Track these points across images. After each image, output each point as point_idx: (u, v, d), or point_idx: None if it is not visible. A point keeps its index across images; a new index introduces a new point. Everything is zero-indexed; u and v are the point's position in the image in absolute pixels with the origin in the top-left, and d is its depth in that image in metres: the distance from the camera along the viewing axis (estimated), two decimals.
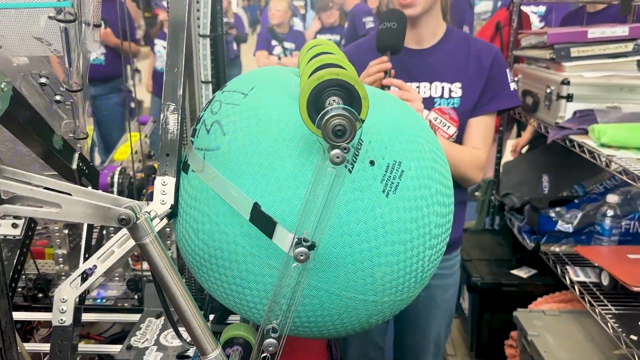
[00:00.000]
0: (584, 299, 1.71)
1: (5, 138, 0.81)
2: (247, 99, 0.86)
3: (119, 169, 1.38)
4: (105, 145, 4.08)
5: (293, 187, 0.76)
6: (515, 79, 2.37)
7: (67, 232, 1.26)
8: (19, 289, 1.28)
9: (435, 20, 1.51)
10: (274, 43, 4.98)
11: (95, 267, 0.88)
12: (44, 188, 0.61)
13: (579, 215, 1.94)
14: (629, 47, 1.97)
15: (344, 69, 0.77)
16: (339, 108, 0.62)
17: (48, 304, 1.28)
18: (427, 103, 1.49)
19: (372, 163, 0.79)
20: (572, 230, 1.95)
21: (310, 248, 0.65)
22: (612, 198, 1.83)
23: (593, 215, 1.94)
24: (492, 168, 2.71)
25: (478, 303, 2.16)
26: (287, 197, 0.76)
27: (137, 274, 1.32)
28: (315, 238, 0.67)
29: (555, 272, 1.90)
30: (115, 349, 1.12)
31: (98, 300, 1.31)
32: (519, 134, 2.79)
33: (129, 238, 0.78)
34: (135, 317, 1.22)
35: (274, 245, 0.75)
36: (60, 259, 1.27)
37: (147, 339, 1.11)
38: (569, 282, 1.82)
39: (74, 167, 0.84)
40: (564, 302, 2.02)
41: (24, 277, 1.28)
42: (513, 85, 1.54)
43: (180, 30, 0.95)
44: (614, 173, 1.58)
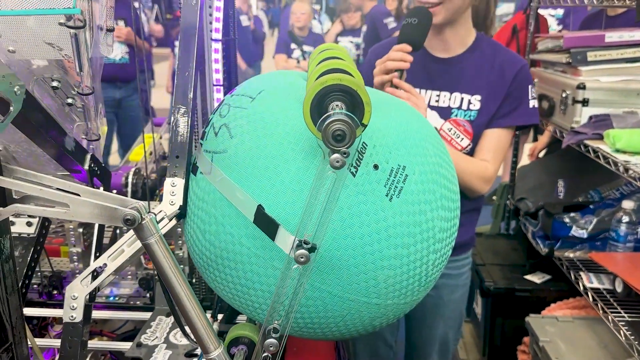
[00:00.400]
0: (597, 306, 1.70)
1: (21, 139, 0.84)
2: (254, 103, 0.87)
3: (134, 170, 1.40)
4: (130, 146, 4.15)
5: (297, 190, 0.77)
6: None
7: (81, 230, 1.28)
8: (35, 286, 1.31)
9: (464, 30, 1.49)
10: (293, 46, 5.01)
11: (106, 265, 0.90)
12: (54, 188, 0.63)
13: (594, 221, 1.92)
14: None
15: (349, 74, 0.78)
16: (340, 113, 0.63)
17: (62, 301, 1.31)
18: (444, 113, 1.49)
19: (376, 167, 0.80)
20: (586, 236, 1.93)
21: (311, 250, 0.66)
22: (627, 204, 1.81)
23: (608, 221, 1.92)
24: (507, 172, 2.70)
25: (490, 308, 2.15)
26: (291, 200, 0.77)
27: (149, 273, 1.34)
28: (316, 241, 0.68)
29: (569, 278, 1.89)
30: (127, 346, 1.14)
31: (111, 298, 1.34)
32: (536, 138, 2.77)
33: None
34: (147, 315, 1.25)
35: (278, 247, 0.77)
36: (75, 257, 1.30)
37: (156, 337, 1.13)
38: (583, 288, 1.80)
39: (86, 167, 0.87)
40: (578, 308, 2.01)
41: (40, 274, 1.31)
42: (533, 103, 1.50)
43: (192, 35, 0.97)
44: (629, 179, 1.56)
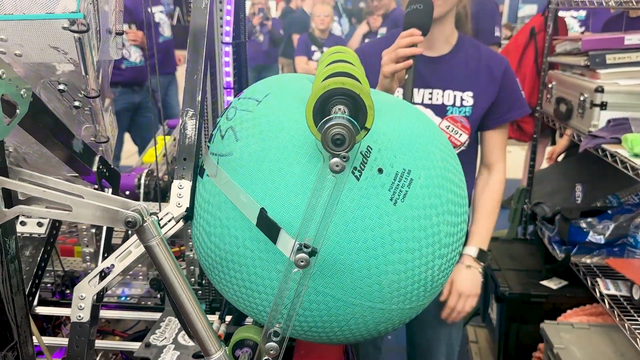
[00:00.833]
0: (614, 313, 1.67)
1: (32, 141, 0.85)
2: (260, 106, 0.88)
3: (146, 171, 1.42)
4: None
5: (300, 193, 0.77)
6: (550, 85, 2.33)
7: (94, 231, 1.30)
8: (48, 285, 1.33)
9: (449, 29, 1.53)
10: (314, 48, 5.01)
11: (113, 266, 0.91)
12: (58, 190, 0.64)
13: (611, 227, 1.89)
14: None
15: (354, 78, 0.78)
16: (340, 117, 0.63)
17: None
18: (439, 110, 1.51)
19: (380, 171, 0.80)
20: (604, 242, 1.90)
21: (311, 254, 0.66)
22: None
23: (626, 227, 1.88)
24: (525, 176, 2.66)
25: (506, 313, 2.12)
26: (294, 203, 0.77)
27: (157, 274, 1.35)
28: (317, 245, 0.68)
29: (586, 284, 1.86)
30: (136, 347, 1.15)
31: (122, 298, 1.35)
32: (554, 142, 2.73)
33: None
34: (158, 315, 1.26)
35: (280, 250, 0.77)
36: (87, 257, 1.32)
37: (165, 338, 1.14)
38: (599, 294, 1.77)
39: (94, 169, 0.88)
40: (595, 315, 1.97)
41: (53, 273, 1.33)
42: (522, 94, 1.62)
43: (201, 38, 0.98)
44: None
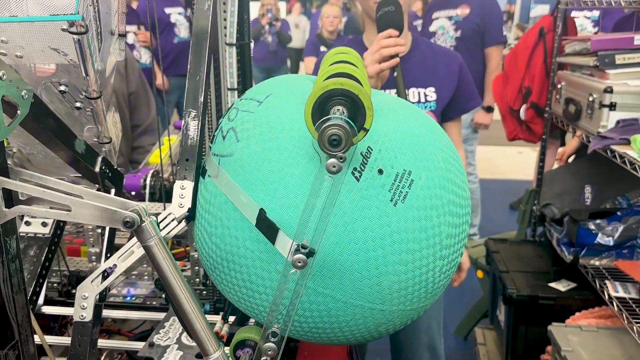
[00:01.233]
0: (622, 316, 1.65)
1: (36, 142, 0.86)
2: (261, 107, 0.88)
3: (152, 172, 1.42)
4: None
5: (300, 194, 0.77)
6: (559, 86, 2.31)
7: (100, 231, 1.31)
8: (55, 285, 1.34)
9: (405, 29, 1.58)
10: (323, 49, 5.01)
11: (116, 266, 0.92)
12: (57, 190, 0.65)
13: (620, 229, 1.87)
14: None
15: (354, 79, 0.78)
16: (336, 118, 0.63)
17: None
18: None
19: (380, 172, 0.79)
20: (612, 244, 1.88)
21: (309, 255, 0.66)
22: None
23: (636, 229, 1.86)
24: (535, 177, 2.64)
25: (513, 315, 2.11)
26: (294, 203, 0.77)
27: None
28: (314, 245, 0.68)
29: (594, 286, 1.84)
30: (141, 346, 1.16)
31: (128, 298, 1.36)
32: (563, 143, 2.71)
33: None
34: (163, 315, 1.26)
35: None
36: (93, 257, 1.33)
37: (169, 338, 1.15)
38: (608, 297, 1.75)
39: (97, 170, 0.88)
40: (604, 318, 1.95)
41: (59, 273, 1.34)
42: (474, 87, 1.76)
43: (203, 40, 0.98)
44: None
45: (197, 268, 1.34)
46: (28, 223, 1.00)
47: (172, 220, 0.94)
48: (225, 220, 0.84)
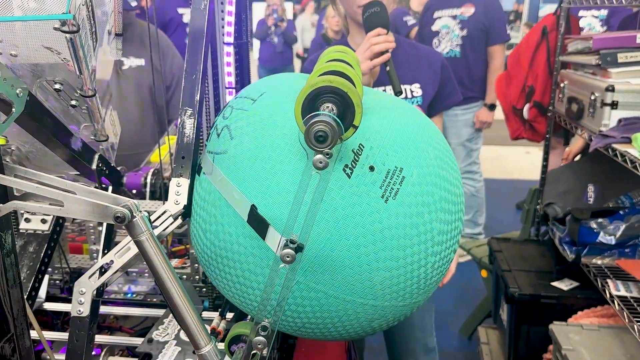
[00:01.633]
0: (624, 314, 1.64)
1: (35, 140, 0.87)
2: (255, 105, 0.89)
3: (152, 170, 1.44)
4: None
5: (292, 190, 0.78)
6: (562, 85, 2.31)
7: (101, 229, 1.32)
8: (57, 282, 1.36)
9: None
10: None
11: (113, 262, 0.93)
12: (50, 186, 0.66)
13: (622, 227, 1.87)
14: None
15: (346, 77, 0.78)
16: (323, 114, 0.64)
17: None
18: None
19: (371, 169, 0.80)
20: (614, 243, 1.88)
21: (297, 250, 0.67)
22: None
23: (638, 228, 1.86)
24: (535, 176, 2.64)
25: (515, 314, 2.11)
26: (285, 200, 0.78)
27: None
28: (303, 240, 0.69)
29: (596, 285, 1.84)
30: (140, 342, 1.17)
31: (129, 295, 1.37)
32: (567, 142, 2.71)
33: None
34: (163, 312, 1.28)
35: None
36: (95, 254, 1.34)
37: (168, 334, 1.16)
38: (609, 296, 1.75)
39: (94, 167, 0.90)
40: (606, 317, 1.94)
41: (62, 270, 1.36)
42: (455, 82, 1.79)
43: (200, 39, 1.00)
44: None
45: (196, 265, 1.35)
46: (28, 220, 1.01)
47: (168, 217, 0.96)
48: (219, 217, 0.85)
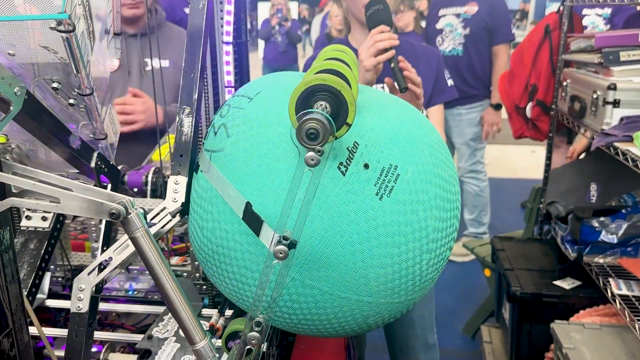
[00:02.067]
0: (625, 313, 1.64)
1: (34, 138, 0.88)
2: (251, 103, 0.90)
3: (153, 169, 1.45)
4: None
5: (287, 188, 0.79)
6: (565, 83, 2.30)
7: (102, 227, 1.34)
8: (59, 279, 1.37)
9: None
10: None
11: (111, 259, 0.94)
12: (47, 183, 0.67)
13: (624, 226, 1.86)
14: None
15: (340, 75, 0.79)
16: (315, 112, 0.65)
17: None
18: None
19: (366, 166, 0.81)
20: (616, 241, 1.87)
21: (290, 246, 0.68)
22: None
23: None
24: (541, 175, 2.63)
25: (517, 313, 2.11)
26: (280, 197, 0.79)
27: None
28: (296, 237, 0.69)
29: (598, 284, 1.83)
30: (140, 339, 1.18)
31: (130, 292, 1.39)
32: (570, 141, 2.70)
33: None
34: (164, 308, 1.29)
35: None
36: (96, 252, 1.35)
37: (167, 330, 1.17)
38: (611, 295, 1.74)
39: (92, 165, 0.91)
40: (608, 316, 1.94)
41: (64, 267, 1.38)
42: (450, 82, 1.83)
43: (198, 38, 1.01)
44: None
45: (197, 263, 1.36)
46: (29, 217, 1.02)
47: (166, 215, 0.97)
48: (216, 214, 0.86)
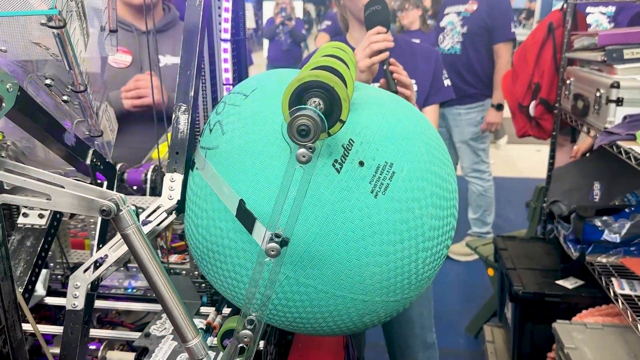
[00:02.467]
0: (627, 313, 1.63)
1: (30, 135, 0.88)
2: (247, 100, 0.89)
3: (152, 167, 1.45)
4: None
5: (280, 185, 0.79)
6: (568, 82, 2.28)
7: (98, 224, 1.33)
8: (59, 276, 1.37)
9: None
10: None
11: (107, 256, 0.94)
12: (39, 180, 0.67)
13: (627, 225, 1.85)
14: None
15: (334, 71, 0.79)
16: (307, 109, 0.64)
17: None
18: None
19: (361, 164, 0.80)
20: (619, 241, 1.86)
21: (282, 244, 0.67)
22: None
23: None
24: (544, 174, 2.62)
25: (519, 313, 2.10)
26: (274, 195, 0.79)
27: (164, 267, 1.38)
28: (288, 234, 0.69)
29: (600, 284, 1.82)
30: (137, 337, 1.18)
31: (129, 290, 1.39)
32: (574, 139, 2.68)
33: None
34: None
35: None
36: (95, 250, 1.35)
37: (165, 328, 1.16)
38: (613, 294, 1.73)
39: (88, 162, 0.91)
40: (611, 316, 1.93)
41: (64, 265, 1.38)
42: (447, 82, 1.83)
43: (194, 35, 1.00)
44: None
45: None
46: (26, 215, 1.02)
47: (161, 212, 0.97)
48: (211, 212, 0.86)
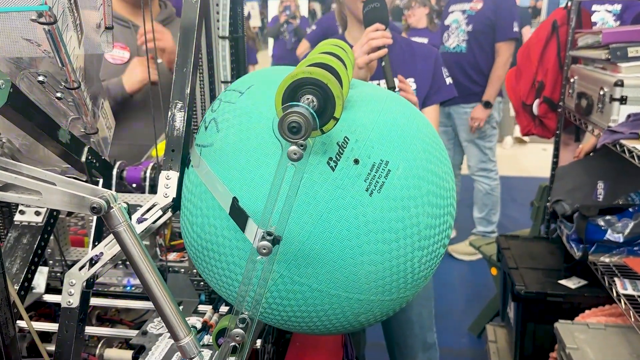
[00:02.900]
0: (630, 313, 1.61)
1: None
2: (242, 97, 0.89)
3: (152, 165, 1.45)
4: None
5: None
6: (572, 80, 2.27)
7: (93, 222, 1.33)
8: (58, 274, 1.37)
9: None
10: None
11: (102, 254, 0.94)
12: (29, 177, 0.67)
13: (631, 225, 1.83)
14: None
15: (329, 69, 0.78)
16: (298, 106, 0.63)
17: None
18: None
19: (356, 162, 0.80)
20: (622, 240, 1.84)
21: (274, 242, 0.67)
22: None
23: None
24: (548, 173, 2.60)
25: (522, 312, 2.08)
26: (267, 192, 0.78)
27: (163, 265, 1.38)
28: (280, 233, 0.68)
29: (603, 283, 1.80)
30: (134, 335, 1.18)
31: (128, 288, 1.38)
32: (578, 138, 2.66)
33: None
34: None
35: None
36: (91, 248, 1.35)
37: (162, 327, 1.16)
38: (616, 294, 1.71)
39: (83, 160, 0.91)
40: (614, 316, 1.91)
41: (63, 263, 1.38)
42: (448, 80, 1.81)
43: (191, 32, 1.00)
44: None
45: None
46: (22, 212, 1.02)
47: (157, 210, 0.97)
48: (205, 210, 0.85)
